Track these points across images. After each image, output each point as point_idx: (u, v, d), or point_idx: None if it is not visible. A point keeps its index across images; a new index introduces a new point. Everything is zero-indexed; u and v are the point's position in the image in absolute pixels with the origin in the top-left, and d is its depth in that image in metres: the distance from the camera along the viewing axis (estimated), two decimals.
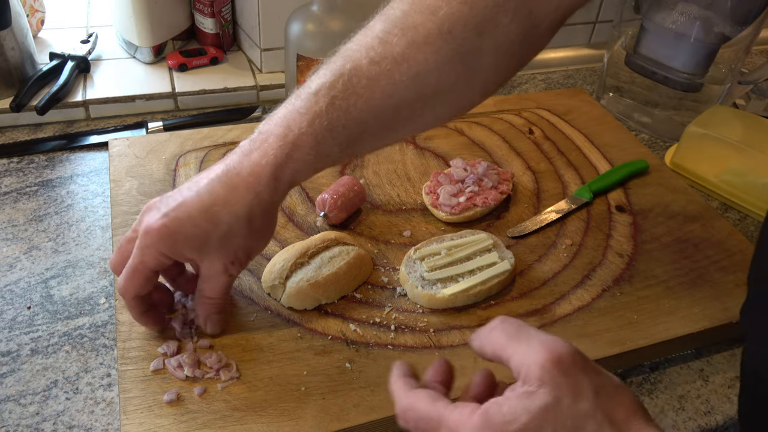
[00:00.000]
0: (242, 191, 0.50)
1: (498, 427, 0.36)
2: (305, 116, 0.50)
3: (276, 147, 0.50)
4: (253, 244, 0.54)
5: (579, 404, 0.36)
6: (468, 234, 0.69)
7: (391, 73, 0.50)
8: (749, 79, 0.99)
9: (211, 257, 0.52)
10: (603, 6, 1.15)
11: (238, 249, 0.53)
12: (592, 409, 0.36)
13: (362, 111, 0.50)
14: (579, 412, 0.36)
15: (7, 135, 0.84)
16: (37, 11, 0.97)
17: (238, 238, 0.52)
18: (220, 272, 0.53)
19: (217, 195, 0.51)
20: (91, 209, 0.74)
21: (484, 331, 0.41)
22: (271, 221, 0.55)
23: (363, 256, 0.65)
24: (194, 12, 0.99)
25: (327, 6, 0.81)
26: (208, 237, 0.51)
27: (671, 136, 0.97)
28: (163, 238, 0.50)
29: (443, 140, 0.86)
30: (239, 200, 0.50)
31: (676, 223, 0.76)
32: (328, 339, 0.58)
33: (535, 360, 0.37)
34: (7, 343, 0.59)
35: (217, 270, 0.53)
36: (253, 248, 0.55)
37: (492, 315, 0.62)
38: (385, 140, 0.55)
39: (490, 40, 0.50)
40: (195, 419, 0.51)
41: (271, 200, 0.52)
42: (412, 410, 0.39)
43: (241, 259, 0.54)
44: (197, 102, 0.93)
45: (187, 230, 0.50)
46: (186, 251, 0.52)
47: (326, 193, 0.70)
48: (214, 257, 0.52)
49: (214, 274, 0.54)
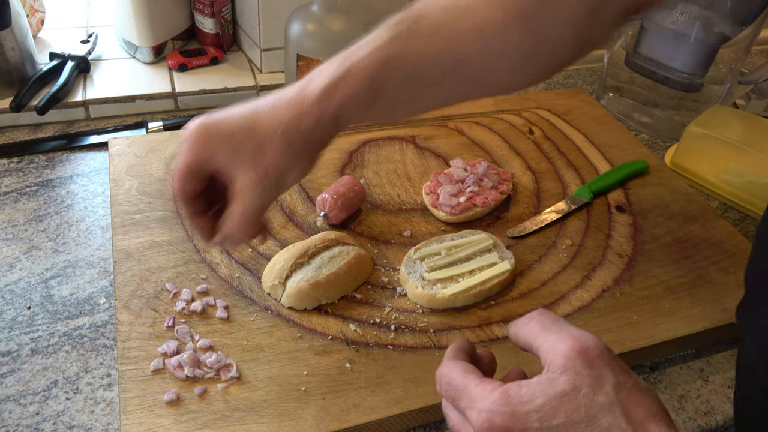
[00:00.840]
0: (284, 109, 0.49)
1: (514, 406, 0.37)
2: (364, 48, 0.49)
3: (327, 73, 0.49)
4: (285, 165, 0.51)
5: (597, 396, 0.37)
6: (468, 234, 0.69)
7: (456, 22, 0.49)
8: (749, 79, 0.98)
9: (243, 168, 0.50)
10: None
11: (269, 165, 0.50)
12: (610, 403, 0.37)
13: (422, 54, 0.49)
14: (596, 403, 0.37)
15: (7, 135, 0.84)
16: (37, 11, 0.97)
17: (271, 152, 0.49)
18: (251, 186, 0.50)
19: (260, 109, 0.50)
20: (91, 209, 0.74)
21: (521, 321, 0.43)
22: (309, 152, 0.52)
23: (363, 256, 0.65)
24: (194, 12, 0.99)
25: (327, 6, 0.81)
26: (243, 144, 0.49)
27: (671, 136, 0.97)
28: (201, 136, 0.50)
29: (443, 140, 0.86)
30: (279, 116, 0.49)
31: (676, 224, 0.76)
32: (328, 339, 0.58)
33: (561, 349, 0.38)
34: (7, 343, 0.59)
35: (248, 183, 0.50)
36: (285, 171, 0.51)
37: (492, 315, 0.62)
38: (438, 96, 0.53)
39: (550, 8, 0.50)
40: (195, 419, 0.51)
41: (312, 129, 0.49)
42: (446, 376, 0.42)
43: (270, 175, 0.50)
44: (197, 102, 0.93)
45: (224, 132, 0.49)
46: (219, 155, 0.50)
47: (326, 193, 0.70)
48: (247, 167, 0.50)
49: (245, 188, 0.51)
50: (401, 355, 0.58)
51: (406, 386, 0.55)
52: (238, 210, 0.51)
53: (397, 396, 0.54)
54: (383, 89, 0.49)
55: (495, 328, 0.61)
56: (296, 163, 0.51)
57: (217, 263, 0.64)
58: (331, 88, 0.48)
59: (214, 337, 0.57)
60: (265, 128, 0.49)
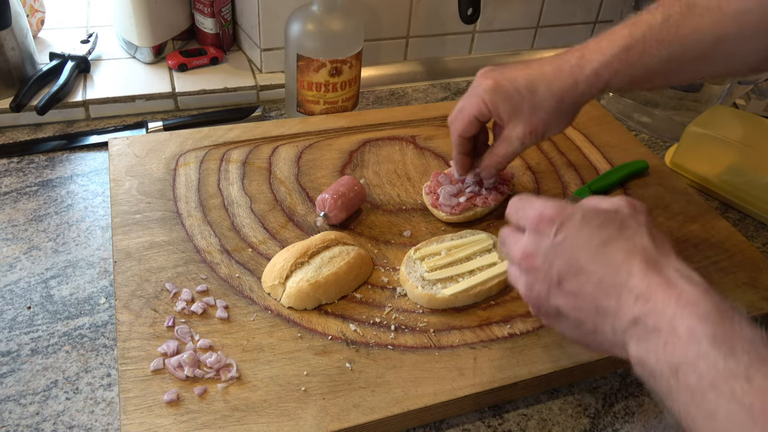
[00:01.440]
0: (565, 74, 0.60)
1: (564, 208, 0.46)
2: (639, 26, 0.58)
3: (606, 47, 0.59)
4: (552, 123, 0.62)
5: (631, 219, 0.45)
6: (468, 234, 0.69)
7: (720, 6, 0.56)
8: (749, 79, 0.98)
9: (517, 121, 0.62)
10: (603, 6, 1.15)
11: (539, 122, 0.62)
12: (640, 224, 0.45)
13: (689, 34, 0.57)
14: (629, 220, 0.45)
15: (7, 135, 0.84)
16: (37, 11, 0.97)
17: (544, 112, 0.61)
18: (517, 137, 0.63)
19: (544, 72, 0.61)
20: (91, 209, 0.74)
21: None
22: (574, 111, 0.63)
23: (363, 256, 0.65)
24: (194, 12, 0.99)
25: (327, 6, 0.81)
26: (523, 102, 0.61)
27: (671, 136, 0.97)
28: (488, 90, 0.61)
29: (443, 140, 0.86)
30: (559, 81, 0.60)
31: (676, 224, 0.76)
32: (328, 339, 0.58)
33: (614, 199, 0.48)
34: (7, 343, 0.59)
35: (516, 134, 0.63)
36: (551, 127, 0.63)
37: (492, 315, 0.62)
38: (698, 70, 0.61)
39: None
40: (195, 419, 0.51)
41: (584, 92, 0.60)
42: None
43: (537, 132, 0.63)
44: (197, 102, 0.93)
45: (510, 90, 0.61)
46: (501, 108, 0.62)
47: (326, 193, 0.70)
48: (520, 122, 0.62)
49: (512, 137, 0.63)
50: (401, 355, 0.58)
51: (406, 386, 0.55)
52: (502, 152, 0.65)
53: (397, 396, 0.54)
54: (649, 65, 0.58)
55: (495, 328, 0.61)
56: (560, 122, 0.63)
57: (217, 263, 0.64)
58: (605, 65, 0.58)
59: (214, 337, 0.57)
60: (544, 94, 0.61)
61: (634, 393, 0.61)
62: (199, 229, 0.68)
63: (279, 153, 0.80)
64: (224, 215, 0.70)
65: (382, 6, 0.99)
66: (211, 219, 0.69)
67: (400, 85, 1.05)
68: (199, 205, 0.71)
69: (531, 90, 0.61)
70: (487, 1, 1.04)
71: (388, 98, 1.02)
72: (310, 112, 0.88)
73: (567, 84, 0.60)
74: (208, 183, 0.74)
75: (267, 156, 0.79)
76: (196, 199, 0.72)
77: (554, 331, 0.62)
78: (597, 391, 0.61)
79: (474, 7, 0.94)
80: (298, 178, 0.77)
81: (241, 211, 0.71)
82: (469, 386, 0.55)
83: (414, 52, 1.07)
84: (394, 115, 0.90)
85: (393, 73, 1.05)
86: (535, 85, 0.61)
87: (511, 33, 1.12)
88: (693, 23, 0.57)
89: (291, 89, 0.88)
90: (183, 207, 0.70)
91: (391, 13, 1.00)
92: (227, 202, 0.72)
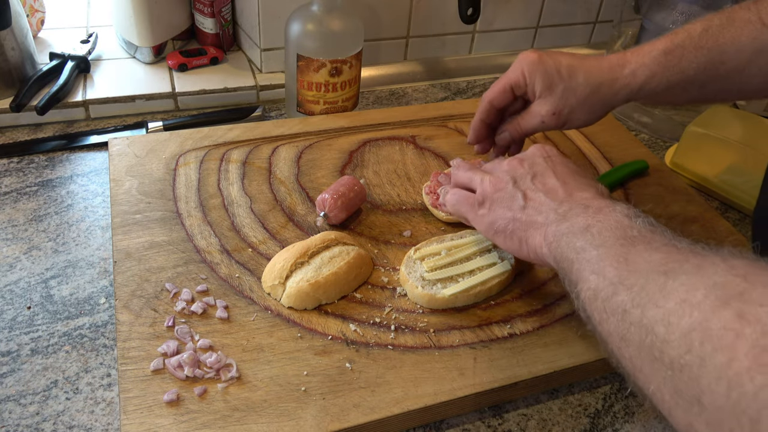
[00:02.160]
0: (605, 70, 0.62)
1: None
2: (679, 34, 0.61)
3: (647, 50, 0.61)
4: (578, 112, 0.64)
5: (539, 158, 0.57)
6: (468, 234, 0.69)
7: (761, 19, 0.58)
8: None
9: (547, 99, 0.64)
10: (603, 6, 1.15)
11: (566, 106, 0.64)
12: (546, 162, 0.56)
13: (728, 43, 0.59)
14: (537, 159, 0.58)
15: (7, 135, 0.84)
16: (37, 11, 0.97)
17: (575, 98, 0.63)
18: (541, 114, 0.65)
19: (586, 63, 0.63)
20: (91, 209, 0.74)
21: None
22: (604, 109, 0.65)
23: (363, 256, 0.65)
24: (194, 12, 0.99)
25: (327, 6, 0.81)
26: (560, 83, 0.63)
27: (671, 136, 0.97)
28: (531, 62, 0.64)
29: (443, 140, 0.86)
30: (599, 73, 0.62)
31: (676, 224, 0.76)
32: (328, 339, 0.58)
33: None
34: (7, 343, 0.59)
35: (541, 112, 0.65)
36: (575, 116, 0.65)
37: (492, 315, 0.62)
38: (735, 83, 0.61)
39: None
40: (195, 419, 0.51)
41: (618, 91, 0.62)
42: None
43: (561, 115, 0.65)
44: (197, 102, 0.93)
45: (550, 68, 0.63)
46: (537, 82, 0.64)
47: (326, 193, 0.70)
48: (549, 101, 0.64)
49: (537, 114, 0.66)
50: (401, 355, 0.58)
51: (406, 386, 0.55)
52: (523, 123, 0.67)
53: (397, 396, 0.54)
54: (686, 70, 0.60)
55: (495, 328, 0.61)
56: (585, 115, 0.65)
57: (217, 263, 0.64)
58: (643, 66, 0.61)
59: (214, 337, 0.57)
60: (581, 81, 0.63)
61: (634, 393, 0.61)
62: (199, 229, 0.68)
63: (279, 153, 0.80)
64: (224, 215, 0.70)
65: (382, 6, 0.99)
66: (211, 219, 0.69)
67: (400, 85, 1.06)
68: (199, 205, 0.71)
69: (570, 74, 0.63)
70: (487, 1, 1.05)
71: (388, 98, 1.02)
72: (310, 112, 0.88)
73: (605, 78, 0.62)
74: (208, 183, 0.74)
75: (267, 156, 0.79)
76: (196, 199, 0.72)
77: (555, 331, 0.62)
78: (597, 391, 0.61)
79: (474, 7, 0.94)
80: (298, 178, 0.77)
81: (241, 211, 0.71)
82: (469, 386, 0.56)
83: (414, 52, 1.07)
84: (394, 115, 0.90)
85: (393, 73, 1.06)
86: (575, 71, 0.63)
87: (511, 33, 1.12)
88: (732, 33, 0.58)
89: (291, 89, 0.88)
90: (183, 207, 0.70)
91: (391, 13, 1.00)
92: (227, 202, 0.72)
